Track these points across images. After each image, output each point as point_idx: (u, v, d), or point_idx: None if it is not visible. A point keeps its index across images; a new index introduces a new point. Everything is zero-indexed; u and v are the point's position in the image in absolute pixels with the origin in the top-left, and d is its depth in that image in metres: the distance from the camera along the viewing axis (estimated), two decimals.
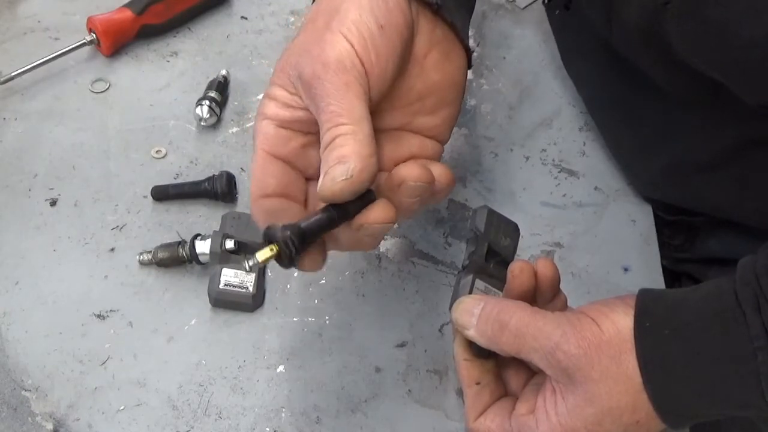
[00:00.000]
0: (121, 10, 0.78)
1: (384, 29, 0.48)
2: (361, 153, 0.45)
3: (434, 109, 0.53)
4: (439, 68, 0.52)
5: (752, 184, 0.66)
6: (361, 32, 0.47)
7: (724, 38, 0.54)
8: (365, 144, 0.45)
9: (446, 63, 0.53)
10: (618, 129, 0.74)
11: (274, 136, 0.49)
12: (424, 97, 0.52)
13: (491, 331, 0.53)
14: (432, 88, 0.52)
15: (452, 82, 0.53)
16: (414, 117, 0.53)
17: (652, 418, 0.48)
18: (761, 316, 0.44)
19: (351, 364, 0.62)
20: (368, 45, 0.47)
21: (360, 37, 0.47)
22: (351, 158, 0.45)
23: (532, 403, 0.52)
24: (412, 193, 0.48)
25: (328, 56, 0.46)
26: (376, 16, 0.47)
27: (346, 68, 0.46)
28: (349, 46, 0.47)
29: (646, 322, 0.48)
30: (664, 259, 0.72)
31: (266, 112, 0.50)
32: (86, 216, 0.67)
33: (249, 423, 0.58)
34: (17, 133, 0.72)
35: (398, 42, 0.49)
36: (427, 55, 0.52)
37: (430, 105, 0.53)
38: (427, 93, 0.52)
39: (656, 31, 0.59)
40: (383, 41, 0.47)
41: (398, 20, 0.49)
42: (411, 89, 0.52)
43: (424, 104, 0.53)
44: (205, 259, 0.63)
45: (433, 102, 0.53)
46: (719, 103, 0.61)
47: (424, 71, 0.52)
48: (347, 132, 0.45)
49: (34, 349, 0.60)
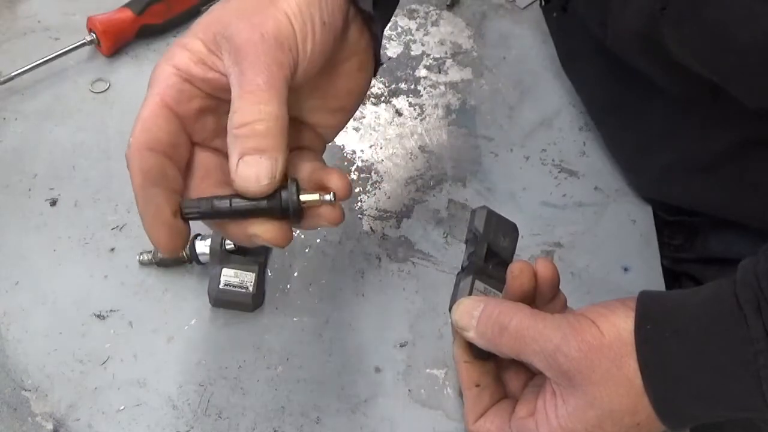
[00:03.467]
0: (121, 10, 0.77)
1: (325, 26, 0.47)
2: (281, 147, 0.44)
3: (334, 111, 0.53)
4: (351, 77, 0.52)
5: (752, 184, 0.65)
6: (305, 21, 0.46)
7: (723, 42, 0.54)
8: (284, 135, 0.44)
9: (359, 74, 0.53)
10: (618, 129, 0.74)
11: (178, 89, 0.45)
12: (328, 97, 0.52)
13: (491, 333, 0.53)
14: (338, 93, 0.52)
15: (358, 92, 0.53)
16: (311, 113, 0.52)
17: (652, 420, 0.48)
18: (762, 318, 0.44)
19: (351, 364, 0.62)
20: (308, 36, 0.46)
21: (303, 25, 0.46)
22: (272, 153, 0.43)
23: (532, 405, 0.53)
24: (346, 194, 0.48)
25: (269, 29, 0.44)
26: (321, 12, 0.47)
27: (283, 48, 0.44)
28: (291, 30, 0.45)
29: (647, 325, 0.48)
30: (664, 259, 0.72)
31: (176, 62, 0.45)
32: (86, 216, 0.67)
33: (249, 423, 0.58)
34: (17, 133, 0.72)
35: (332, 43, 0.48)
36: (345, 62, 0.51)
37: (331, 106, 0.52)
38: (333, 96, 0.52)
39: (653, 36, 0.59)
40: (321, 38, 0.47)
41: (338, 22, 0.48)
42: (318, 87, 0.51)
43: (326, 104, 0.52)
44: (205, 259, 0.63)
45: (334, 105, 0.52)
46: (719, 103, 0.61)
47: (336, 74, 0.51)
48: (269, 117, 0.43)
49: (34, 349, 0.60)
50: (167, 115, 0.45)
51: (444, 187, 0.73)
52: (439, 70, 0.82)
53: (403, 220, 0.70)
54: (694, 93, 0.63)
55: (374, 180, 0.72)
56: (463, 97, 0.80)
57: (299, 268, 0.66)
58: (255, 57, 0.44)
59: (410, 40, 0.84)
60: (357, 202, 0.71)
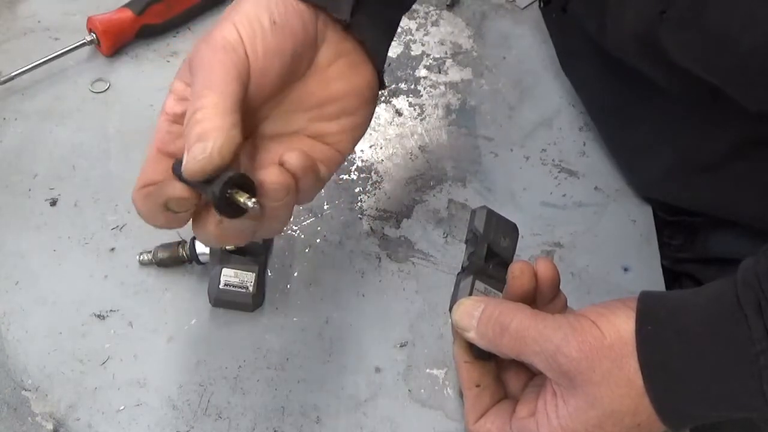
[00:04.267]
0: (121, 10, 0.77)
1: (276, 26, 0.47)
2: (222, 127, 0.43)
3: (334, 117, 0.52)
4: (344, 78, 0.52)
5: (752, 184, 0.66)
6: (251, 23, 0.47)
7: (724, 47, 0.54)
8: (226, 116, 0.44)
9: (352, 73, 0.52)
10: (618, 129, 0.74)
11: (166, 132, 0.48)
12: (324, 104, 0.51)
13: (491, 333, 0.53)
14: (333, 96, 0.51)
15: (357, 92, 0.52)
16: (311, 122, 0.52)
17: (653, 421, 0.48)
18: (763, 318, 0.44)
19: (351, 364, 0.62)
20: (256, 37, 0.47)
21: (249, 28, 0.47)
22: (211, 135, 0.43)
23: (532, 405, 0.53)
24: (274, 196, 0.46)
25: (214, 37, 0.46)
26: (270, 12, 0.47)
27: (226, 50, 0.46)
28: (236, 34, 0.47)
29: (648, 326, 0.48)
30: (664, 259, 0.72)
31: (164, 107, 0.49)
32: (86, 216, 0.67)
33: (249, 423, 0.58)
34: (17, 133, 0.72)
35: (289, 42, 0.48)
36: (332, 64, 0.51)
37: (329, 112, 0.52)
38: (328, 100, 0.51)
39: (652, 39, 0.59)
40: (273, 38, 0.47)
41: (293, 21, 0.48)
42: (311, 95, 0.51)
43: (323, 111, 0.51)
44: (205, 259, 0.63)
45: (333, 110, 0.52)
46: (719, 104, 0.61)
47: (325, 78, 0.51)
48: (208, 105, 0.44)
49: (34, 349, 0.60)
50: (161, 158, 0.48)
51: (444, 187, 0.73)
52: (439, 70, 0.82)
53: (403, 220, 0.70)
54: (694, 94, 0.63)
55: (374, 180, 0.72)
56: (463, 97, 0.80)
57: (299, 268, 0.66)
58: (202, 66, 0.46)
59: (410, 40, 0.84)
60: (357, 202, 0.71)
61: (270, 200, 0.46)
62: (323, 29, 0.50)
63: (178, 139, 0.48)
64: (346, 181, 0.72)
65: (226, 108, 0.44)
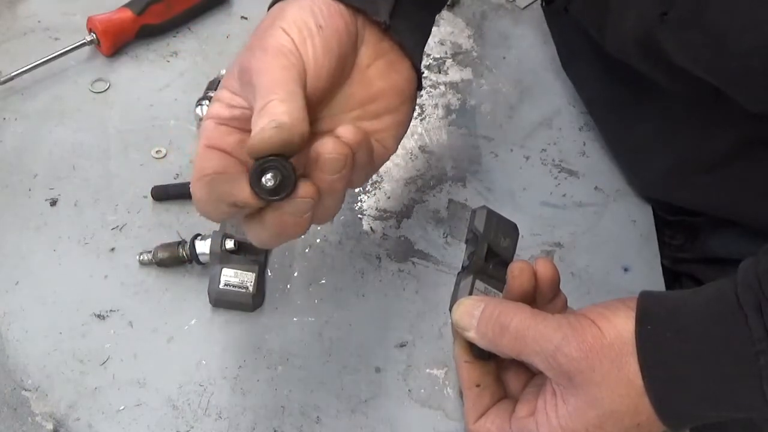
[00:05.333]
0: (121, 10, 0.78)
1: (322, 29, 0.48)
2: (293, 113, 0.44)
3: (377, 115, 0.52)
4: (384, 77, 0.52)
5: (753, 184, 0.66)
6: (300, 28, 0.48)
7: (724, 48, 0.54)
8: (298, 107, 0.45)
9: (392, 72, 0.53)
10: (618, 129, 0.74)
11: (214, 131, 0.50)
12: (366, 103, 0.52)
13: (492, 333, 0.53)
14: (375, 95, 0.52)
15: (397, 90, 0.53)
16: (356, 122, 0.52)
17: (653, 421, 0.48)
18: (763, 318, 0.44)
19: (351, 364, 0.62)
20: (306, 39, 0.48)
21: (299, 32, 0.48)
22: (282, 117, 0.44)
23: (532, 405, 0.53)
24: (330, 167, 0.46)
25: (268, 44, 0.47)
26: (315, 17, 0.49)
27: (284, 53, 0.47)
28: (287, 37, 0.48)
29: (648, 325, 0.48)
30: (664, 259, 0.72)
31: (210, 112, 0.50)
32: (86, 216, 0.67)
33: (249, 423, 0.58)
34: (17, 133, 0.72)
35: (336, 43, 0.49)
36: (372, 64, 0.52)
37: (372, 110, 0.52)
38: (370, 99, 0.52)
39: (653, 41, 0.59)
40: (321, 40, 0.48)
41: (338, 24, 0.49)
42: (353, 95, 0.52)
43: (366, 110, 0.52)
44: (205, 259, 0.63)
45: (376, 108, 0.52)
46: (720, 104, 0.61)
47: (366, 78, 0.52)
48: (280, 99, 0.45)
49: (34, 349, 0.60)
50: (211, 151, 0.49)
51: (444, 187, 0.73)
52: (439, 70, 0.82)
53: (403, 220, 0.70)
54: (694, 94, 0.63)
55: (374, 180, 0.72)
56: (463, 97, 0.80)
57: (299, 268, 0.66)
58: (259, 70, 0.46)
59: None
60: (357, 202, 0.71)
61: (327, 172, 0.46)
62: (362, 31, 0.51)
63: (227, 136, 0.49)
64: None
65: (298, 103, 0.45)
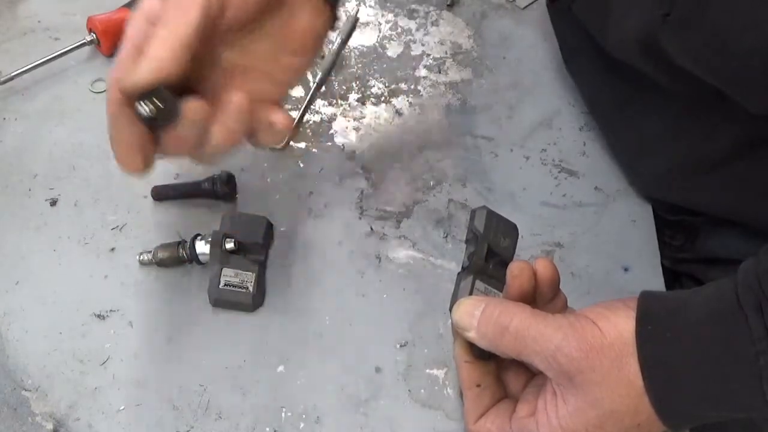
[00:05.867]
0: (121, 10, 0.78)
1: None
2: (164, 59, 0.46)
3: (294, 51, 0.55)
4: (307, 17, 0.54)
5: (753, 184, 0.66)
6: None
7: (726, 48, 0.54)
8: (176, 47, 0.46)
9: (315, 16, 0.55)
10: (619, 128, 0.74)
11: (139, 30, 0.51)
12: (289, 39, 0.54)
13: (492, 333, 0.53)
14: (297, 34, 0.54)
15: (316, 34, 0.56)
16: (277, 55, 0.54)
17: (653, 421, 0.48)
18: (763, 318, 0.44)
19: (351, 364, 0.62)
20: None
21: None
22: (151, 63, 0.46)
23: (532, 405, 0.53)
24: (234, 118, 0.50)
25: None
26: None
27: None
28: None
29: (648, 325, 0.48)
30: (665, 259, 0.72)
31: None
32: (86, 216, 0.67)
33: (249, 423, 0.58)
34: (17, 133, 0.72)
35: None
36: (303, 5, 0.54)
37: (292, 47, 0.55)
38: (293, 36, 0.54)
39: (654, 41, 0.59)
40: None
41: None
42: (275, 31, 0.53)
43: (287, 45, 0.54)
44: (205, 259, 0.63)
45: (293, 46, 0.55)
46: (721, 104, 0.61)
47: (291, 15, 0.54)
48: (162, 38, 0.47)
49: (34, 349, 0.60)
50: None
51: (444, 187, 0.73)
52: (439, 70, 0.82)
53: (403, 220, 0.70)
54: (695, 94, 0.63)
55: (374, 180, 0.72)
56: (463, 97, 0.80)
57: (299, 268, 0.66)
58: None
59: (410, 40, 0.84)
60: (357, 202, 0.71)
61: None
62: None
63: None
64: (346, 181, 0.72)
65: (173, 44, 0.47)
